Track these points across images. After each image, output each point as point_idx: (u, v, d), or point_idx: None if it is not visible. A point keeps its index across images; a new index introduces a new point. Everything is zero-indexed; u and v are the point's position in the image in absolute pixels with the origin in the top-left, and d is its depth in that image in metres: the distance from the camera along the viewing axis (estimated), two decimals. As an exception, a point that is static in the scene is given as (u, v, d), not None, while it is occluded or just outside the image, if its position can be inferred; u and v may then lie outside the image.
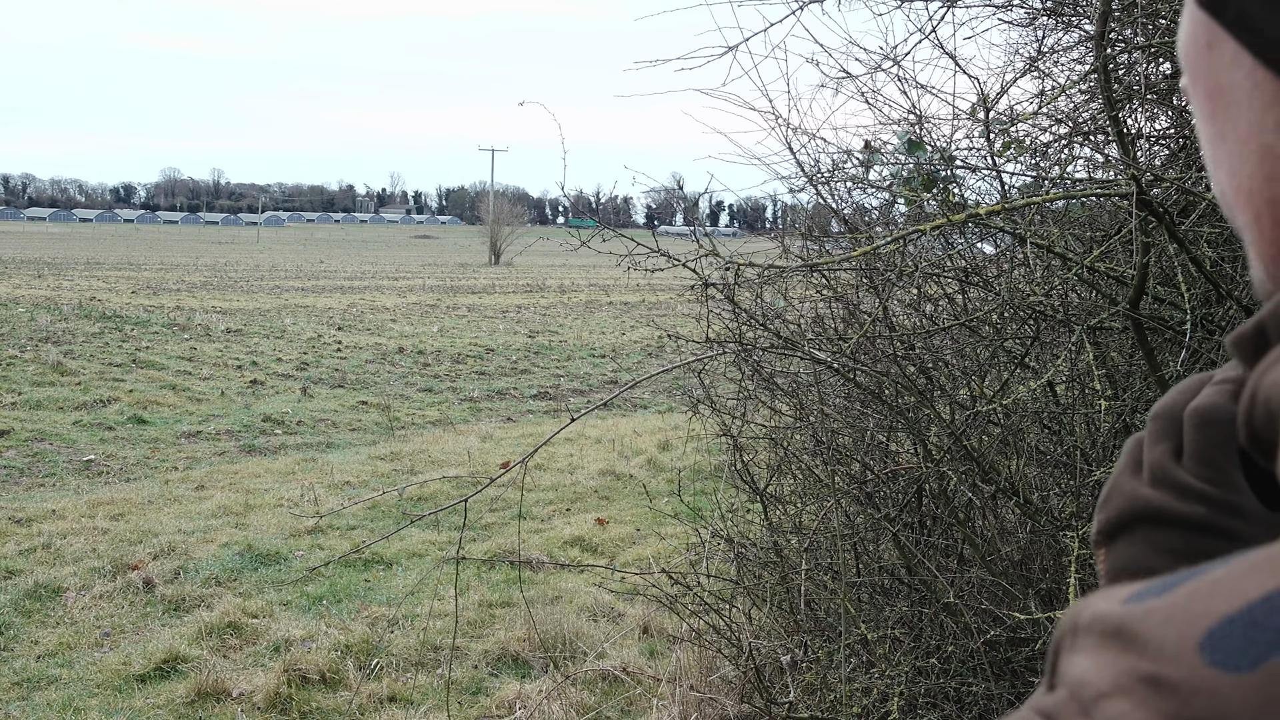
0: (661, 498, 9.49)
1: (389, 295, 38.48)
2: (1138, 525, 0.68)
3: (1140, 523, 0.68)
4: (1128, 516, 0.69)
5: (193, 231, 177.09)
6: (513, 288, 45.37)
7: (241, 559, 8.08)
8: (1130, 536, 0.68)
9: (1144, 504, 0.68)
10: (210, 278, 46.97)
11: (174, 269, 54.76)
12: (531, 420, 15.07)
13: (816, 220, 5.09)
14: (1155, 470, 0.68)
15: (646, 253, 3.67)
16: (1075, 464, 3.44)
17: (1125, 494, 0.70)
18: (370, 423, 14.39)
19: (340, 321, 27.44)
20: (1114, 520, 0.70)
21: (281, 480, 10.73)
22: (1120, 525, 0.69)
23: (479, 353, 21.99)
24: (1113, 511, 0.70)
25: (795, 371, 4.44)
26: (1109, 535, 0.70)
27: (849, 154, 4.08)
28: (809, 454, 4.45)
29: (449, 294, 40.31)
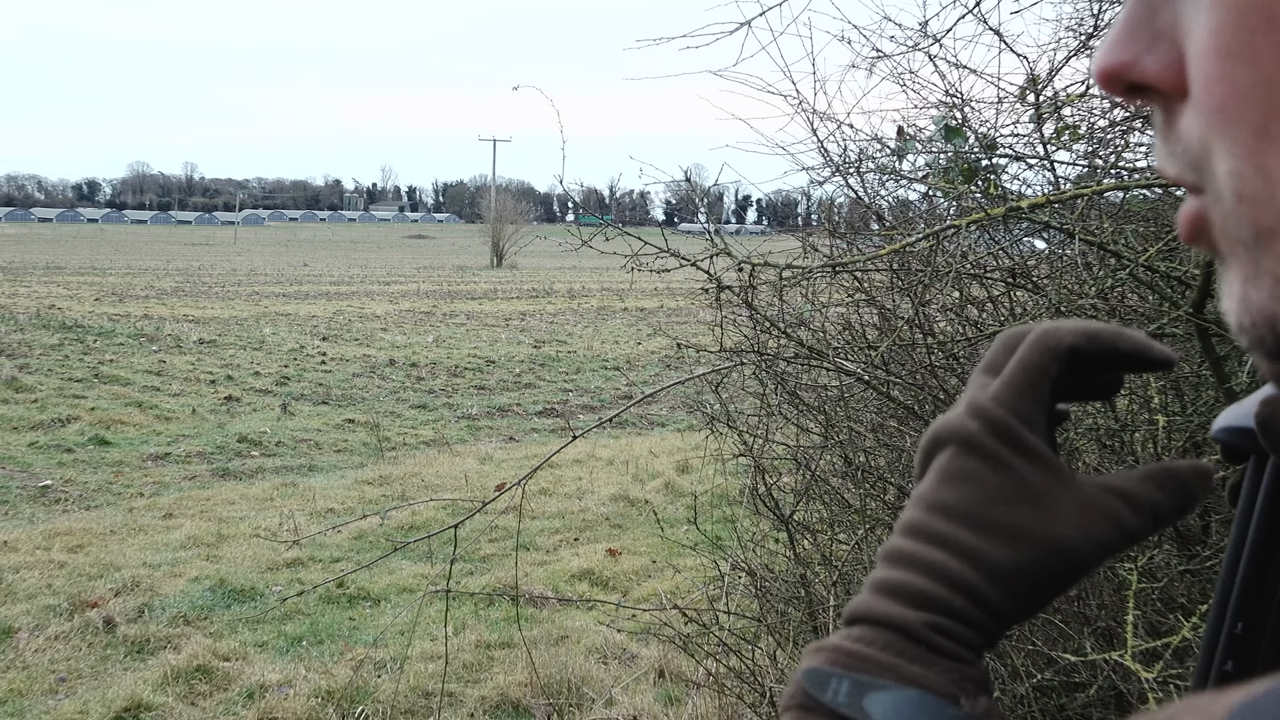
0: (679, 526, 9.47)
1: (379, 301, 38.60)
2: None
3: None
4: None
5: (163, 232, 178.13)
6: (516, 293, 45.46)
7: (213, 595, 8.10)
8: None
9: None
10: (182, 283, 47.22)
11: (142, 273, 55.08)
12: (536, 440, 15.08)
13: (849, 215, 5.09)
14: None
15: (655, 253, 3.67)
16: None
17: None
18: (357, 443, 14.43)
19: (325, 331, 27.53)
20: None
21: (258, 507, 10.76)
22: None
23: (479, 365, 22.03)
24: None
25: (822, 385, 4.43)
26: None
27: (880, 141, 4.08)
28: (838, 477, 4.44)
29: (446, 300, 40.42)
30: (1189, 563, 3.08)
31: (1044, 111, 3.60)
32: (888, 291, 4.16)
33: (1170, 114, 0.60)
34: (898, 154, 3.91)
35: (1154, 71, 0.60)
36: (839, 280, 4.36)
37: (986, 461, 0.74)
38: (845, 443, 4.18)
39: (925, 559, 0.74)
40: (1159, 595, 3.16)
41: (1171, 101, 0.60)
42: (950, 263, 3.50)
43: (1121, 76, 0.61)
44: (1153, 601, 3.19)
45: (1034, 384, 0.76)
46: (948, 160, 3.48)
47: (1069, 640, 3.54)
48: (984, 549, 0.73)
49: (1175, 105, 0.60)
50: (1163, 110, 0.61)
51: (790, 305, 4.16)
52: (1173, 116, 0.60)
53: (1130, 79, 0.61)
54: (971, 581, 0.73)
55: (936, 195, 4.14)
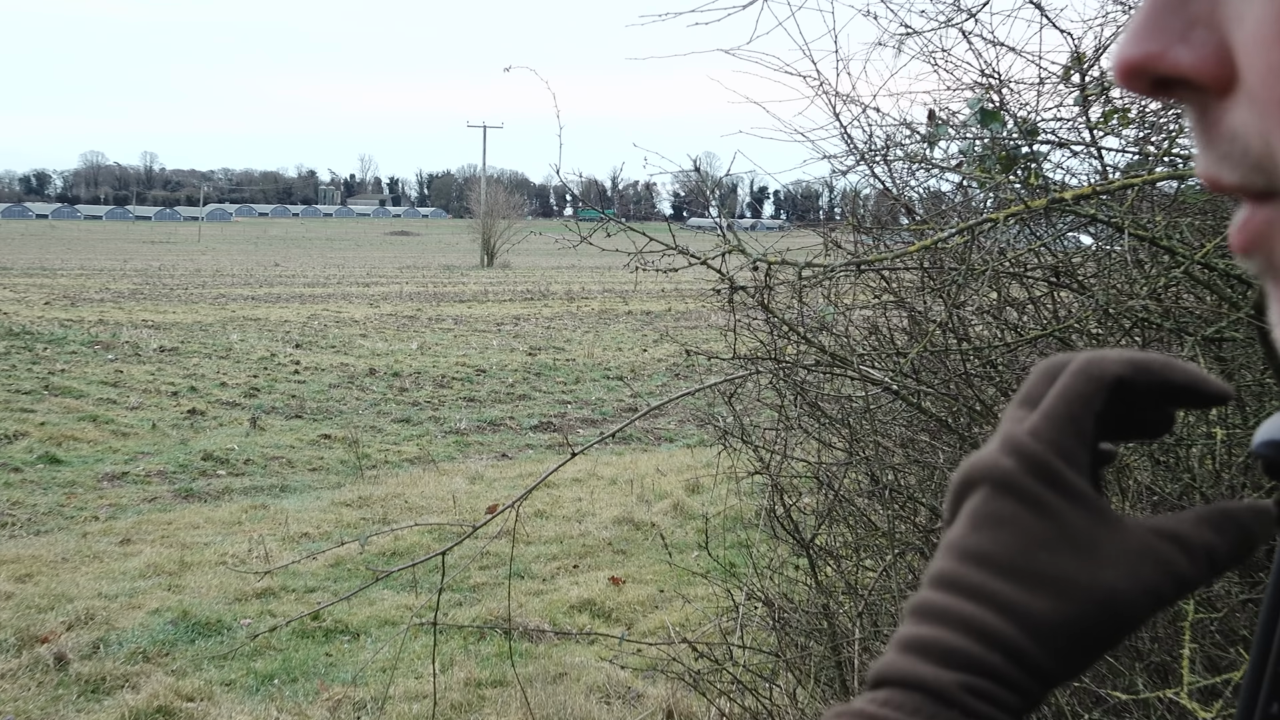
0: (689, 551, 9.48)
1: (358, 305, 38.65)
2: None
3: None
4: None
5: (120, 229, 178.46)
6: (509, 295, 45.50)
7: (175, 629, 8.11)
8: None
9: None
10: (141, 285, 47.31)
11: (97, 274, 55.19)
12: (531, 457, 15.09)
13: (875, 208, 5.09)
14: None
15: (662, 250, 3.68)
16: (1193, 506, 3.43)
17: None
18: (334, 461, 14.44)
19: (298, 337, 27.58)
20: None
21: (225, 532, 10.77)
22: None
23: (468, 375, 22.06)
24: None
25: (846, 395, 4.43)
26: None
27: (909, 126, 4.08)
28: (864, 497, 4.44)
29: (431, 303, 40.46)
30: (1251, 591, 3.08)
31: (1090, 93, 3.60)
32: (918, 292, 4.16)
33: (1210, 111, 0.59)
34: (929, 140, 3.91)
35: (1188, 63, 0.59)
36: (864, 280, 4.36)
37: (1024, 503, 0.74)
38: (872, 459, 4.18)
39: (958, 613, 0.73)
40: (1218, 627, 3.16)
41: (1210, 97, 0.59)
42: (987, 260, 3.51)
43: (1148, 69, 0.60)
44: (1211, 634, 3.18)
45: (1076, 417, 0.75)
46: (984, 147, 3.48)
47: (1119, 677, 3.54)
48: (1023, 601, 0.72)
49: (1216, 101, 0.59)
50: (1199, 107, 0.60)
51: (811, 308, 4.17)
52: (1214, 114, 0.59)
53: (1159, 72, 0.60)
54: (1010, 637, 0.72)
55: (971, 186, 4.14)
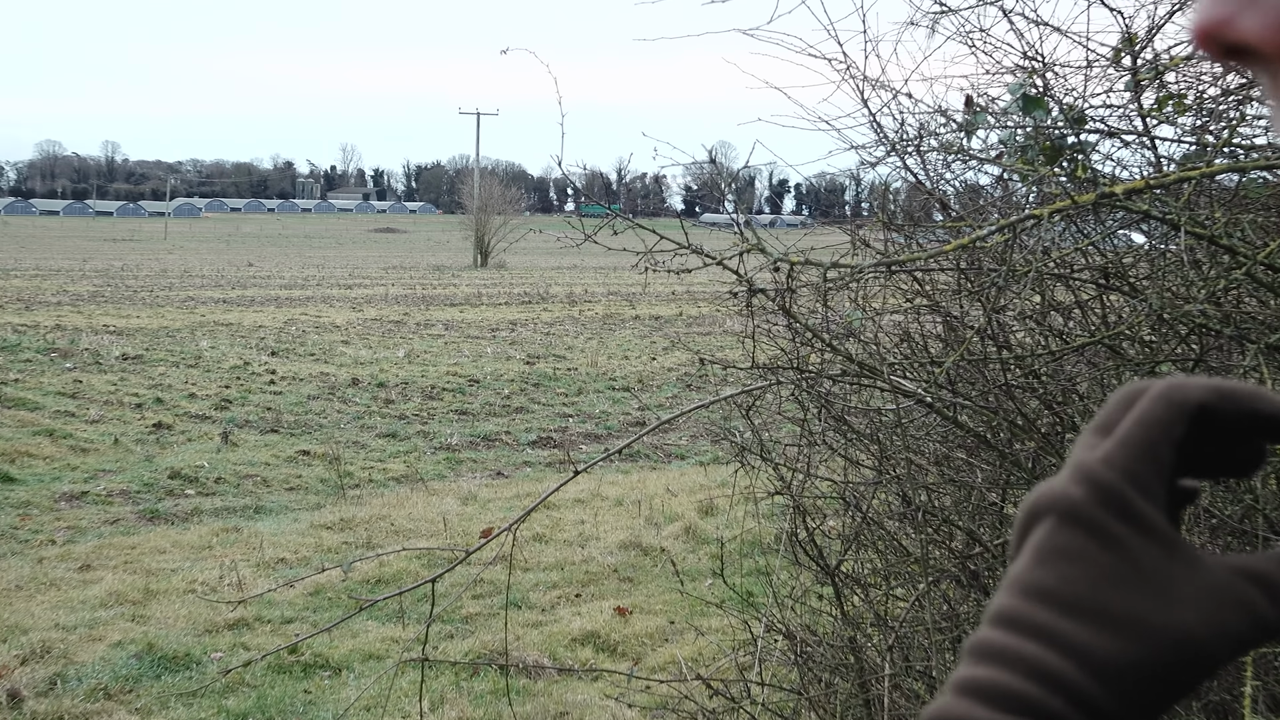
0: (702, 579, 9.48)
1: (340, 309, 38.70)
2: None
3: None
4: None
5: (79, 225, 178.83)
6: (505, 297, 45.53)
7: (139, 663, 8.12)
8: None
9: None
10: (102, 286, 47.39)
11: (54, 275, 55.29)
12: (529, 475, 15.10)
13: (907, 203, 5.09)
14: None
15: (673, 249, 3.69)
16: (1256, 530, 3.42)
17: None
18: (314, 479, 14.46)
19: (274, 344, 27.61)
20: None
21: (194, 557, 10.79)
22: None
23: (460, 385, 22.07)
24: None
25: (876, 408, 4.43)
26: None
27: (944, 114, 4.09)
28: (895, 519, 4.44)
29: (420, 306, 40.50)
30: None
31: (1142, 77, 3.61)
32: (954, 295, 4.16)
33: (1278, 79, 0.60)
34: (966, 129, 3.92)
35: (1254, 30, 0.59)
36: (895, 282, 4.37)
37: (1093, 536, 0.74)
38: (903, 478, 4.19)
39: (1018, 654, 0.73)
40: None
41: (1277, 65, 0.59)
42: (1030, 261, 3.51)
43: (1217, 36, 0.60)
44: (1276, 670, 3.18)
45: (1154, 445, 0.76)
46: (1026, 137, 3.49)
47: (1176, 717, 3.54)
48: (1089, 642, 0.72)
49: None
50: (1270, 75, 0.60)
51: (836, 312, 4.17)
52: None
53: (1227, 39, 0.60)
54: (1073, 681, 0.72)
55: (1013, 179, 4.15)
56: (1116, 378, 3.86)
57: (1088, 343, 3.78)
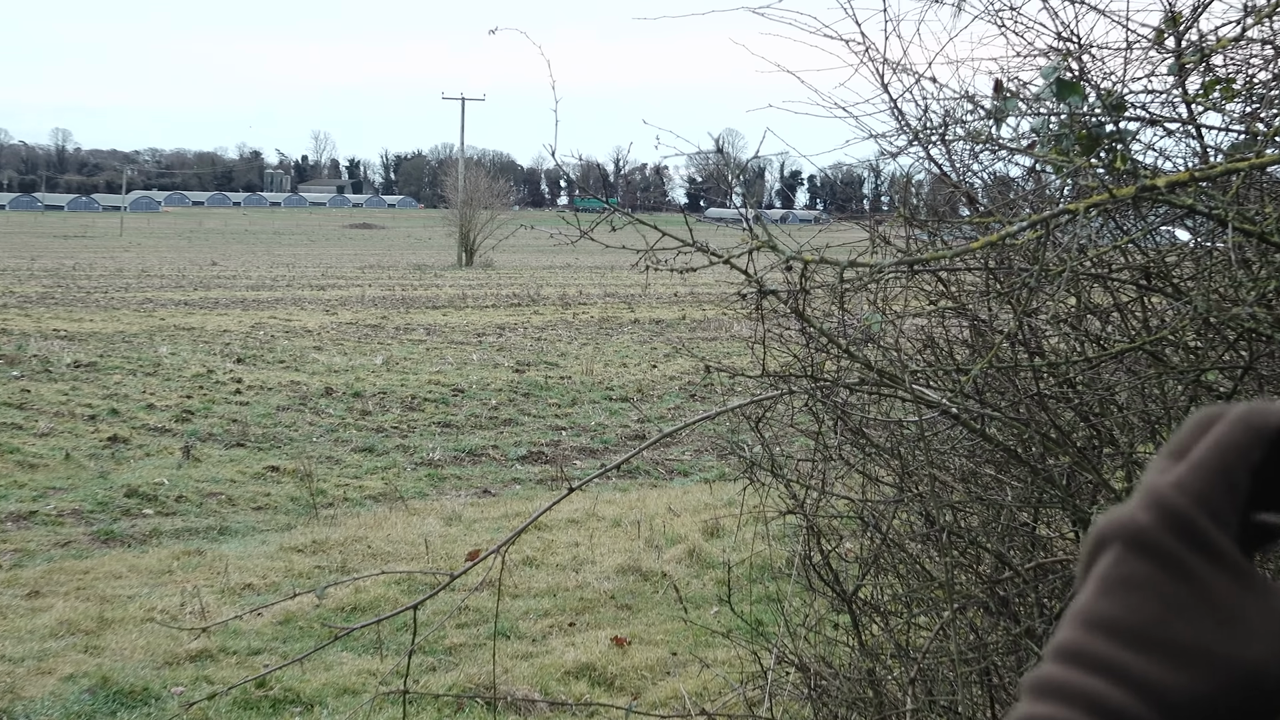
0: (707, 607, 9.48)
1: (312, 312, 38.71)
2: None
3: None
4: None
5: (27, 220, 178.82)
6: (493, 299, 45.56)
7: (93, 698, 8.12)
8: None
9: None
10: (52, 287, 47.40)
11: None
12: (519, 493, 15.11)
13: (931, 197, 5.11)
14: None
15: (676, 246, 3.69)
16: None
17: None
18: (283, 498, 14.46)
19: (240, 350, 27.62)
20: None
21: (153, 583, 10.79)
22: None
23: (443, 395, 22.08)
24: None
25: (896, 420, 4.44)
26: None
27: (972, 100, 4.10)
28: (918, 541, 4.45)
29: (399, 309, 40.52)
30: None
31: (1187, 60, 3.62)
32: (982, 297, 4.17)
33: None
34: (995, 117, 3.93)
35: None
36: (918, 282, 4.38)
37: (1161, 565, 0.75)
38: (926, 496, 4.19)
39: (1081, 690, 0.74)
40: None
41: None
42: (1064, 260, 3.52)
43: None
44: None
45: (1229, 470, 0.76)
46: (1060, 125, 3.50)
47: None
48: (1154, 675, 0.73)
49: None
50: None
51: (854, 316, 4.18)
52: None
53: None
54: (1137, 716, 0.72)
55: (1046, 171, 4.16)
56: (1158, 386, 3.87)
57: (1127, 349, 3.79)
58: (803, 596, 5.29)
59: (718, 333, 31.51)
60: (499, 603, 7.78)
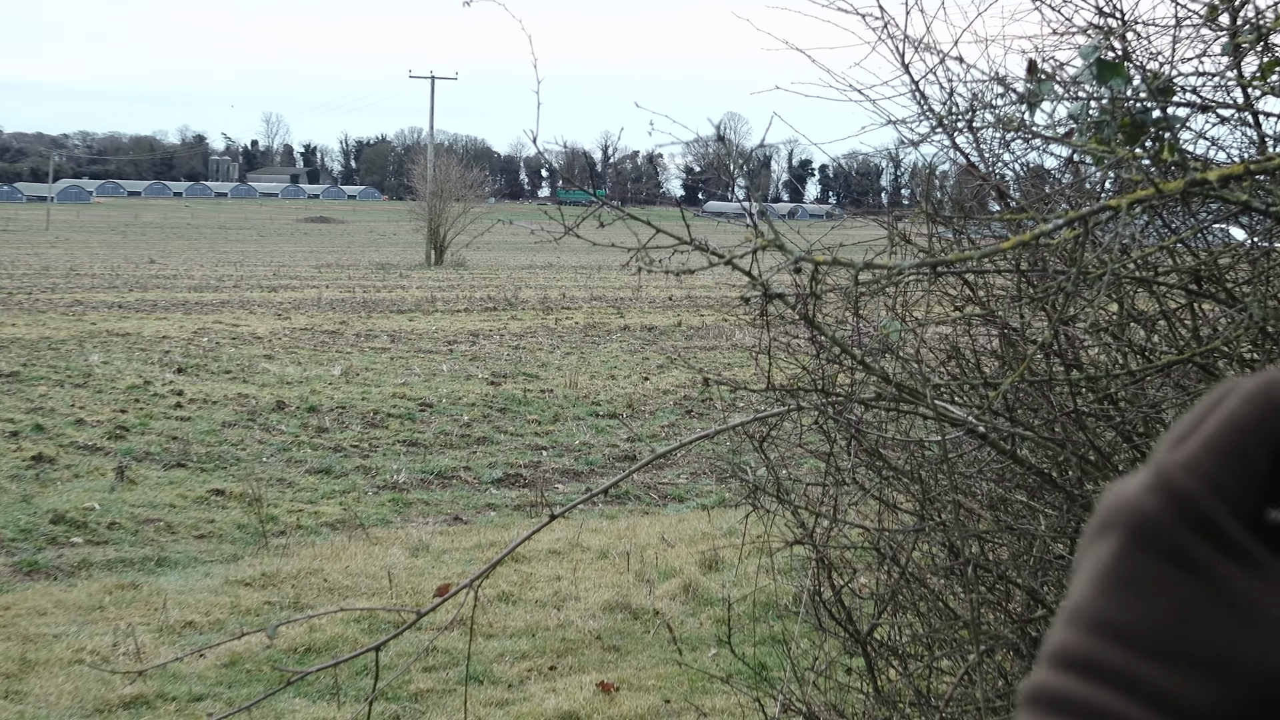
0: (704, 649, 9.48)
1: (262, 316, 38.68)
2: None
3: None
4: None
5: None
6: (465, 303, 45.53)
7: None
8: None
9: None
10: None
11: (-89, 274, 55.22)
12: (494, 521, 15.09)
13: (957, 190, 5.13)
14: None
15: (671, 244, 3.70)
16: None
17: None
18: (229, 525, 14.44)
19: (181, 359, 27.59)
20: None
21: (82, 620, 10.78)
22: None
23: (409, 410, 22.07)
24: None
25: (917, 440, 4.46)
26: None
27: (1003, 83, 4.12)
28: (940, 575, 4.46)
29: (360, 313, 40.49)
30: None
31: (1243, 40, 3.64)
32: (1013, 303, 4.19)
33: None
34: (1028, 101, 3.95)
35: None
36: (942, 286, 4.39)
37: (1170, 560, 0.75)
38: (950, 525, 4.21)
39: (1089, 703, 0.74)
40: None
41: None
42: (1105, 261, 3.54)
43: None
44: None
45: (1244, 449, 0.76)
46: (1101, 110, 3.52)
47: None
48: (1173, 688, 0.73)
49: None
50: None
51: (871, 323, 4.20)
52: None
53: None
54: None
55: (1085, 162, 4.18)
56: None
57: (1175, 361, 3.81)
58: (812, 637, 5.31)
59: (717, 341, 31.51)
60: (471, 644, 7.79)
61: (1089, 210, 3.18)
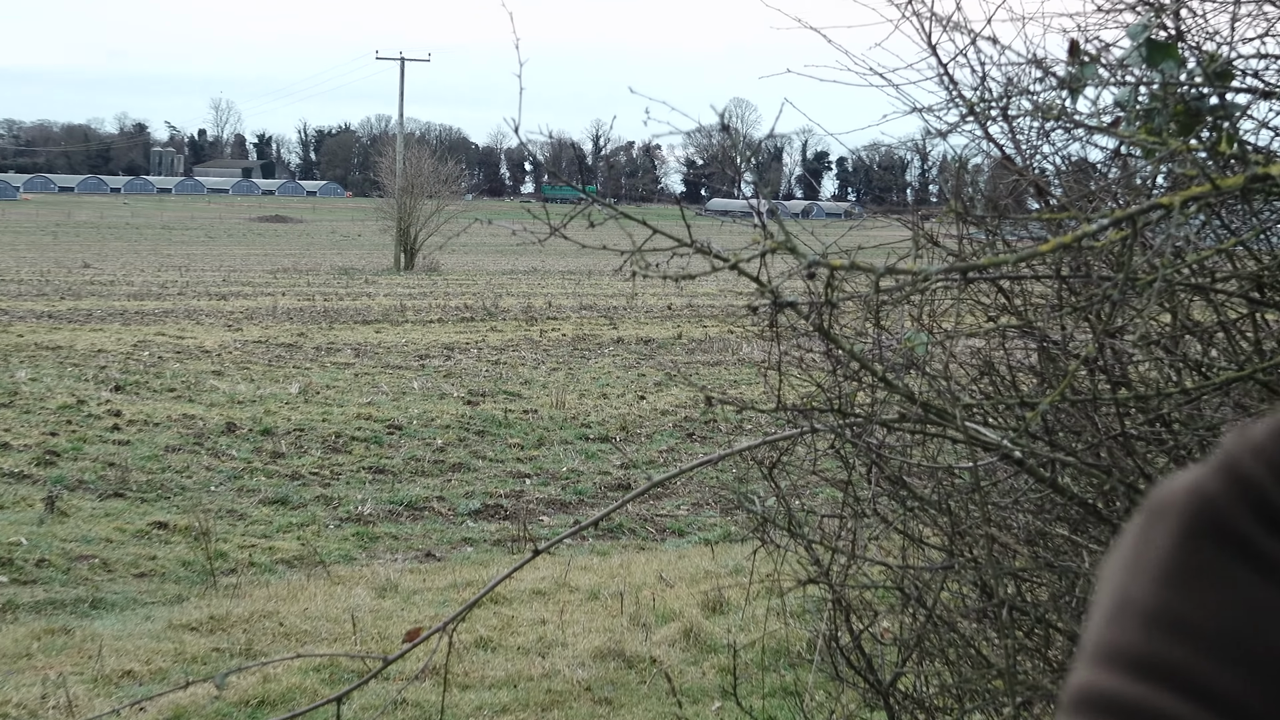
0: (707, 701, 9.48)
1: (210, 327, 38.68)
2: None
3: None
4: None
5: None
6: (439, 312, 45.56)
7: (-69, 814, 8.10)
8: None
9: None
10: (-118, 295, 47.31)
11: None
12: (471, 557, 15.09)
13: (990, 186, 5.14)
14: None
15: (670, 247, 3.71)
16: None
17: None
18: (173, 562, 14.43)
19: (119, 376, 27.59)
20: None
21: (7, 669, 10.76)
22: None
23: (375, 433, 22.07)
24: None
25: (945, 466, 4.47)
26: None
27: (1041, 66, 4.13)
28: (971, 618, 4.47)
29: (321, 324, 40.51)
30: None
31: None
32: (1054, 313, 4.20)
33: None
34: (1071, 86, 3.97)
35: None
36: (973, 294, 4.40)
37: (1235, 550, 0.75)
38: (983, 562, 4.22)
39: (1147, 710, 0.73)
40: None
41: None
42: (1156, 266, 3.55)
43: None
44: None
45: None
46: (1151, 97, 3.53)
47: None
48: (1242, 694, 0.72)
49: None
50: None
51: (893, 335, 4.21)
52: None
53: None
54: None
55: (1134, 154, 4.19)
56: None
57: (1236, 378, 3.82)
58: (828, 688, 5.31)
59: (722, 356, 31.54)
60: (445, 695, 7.79)
61: (1138, 209, 3.19)
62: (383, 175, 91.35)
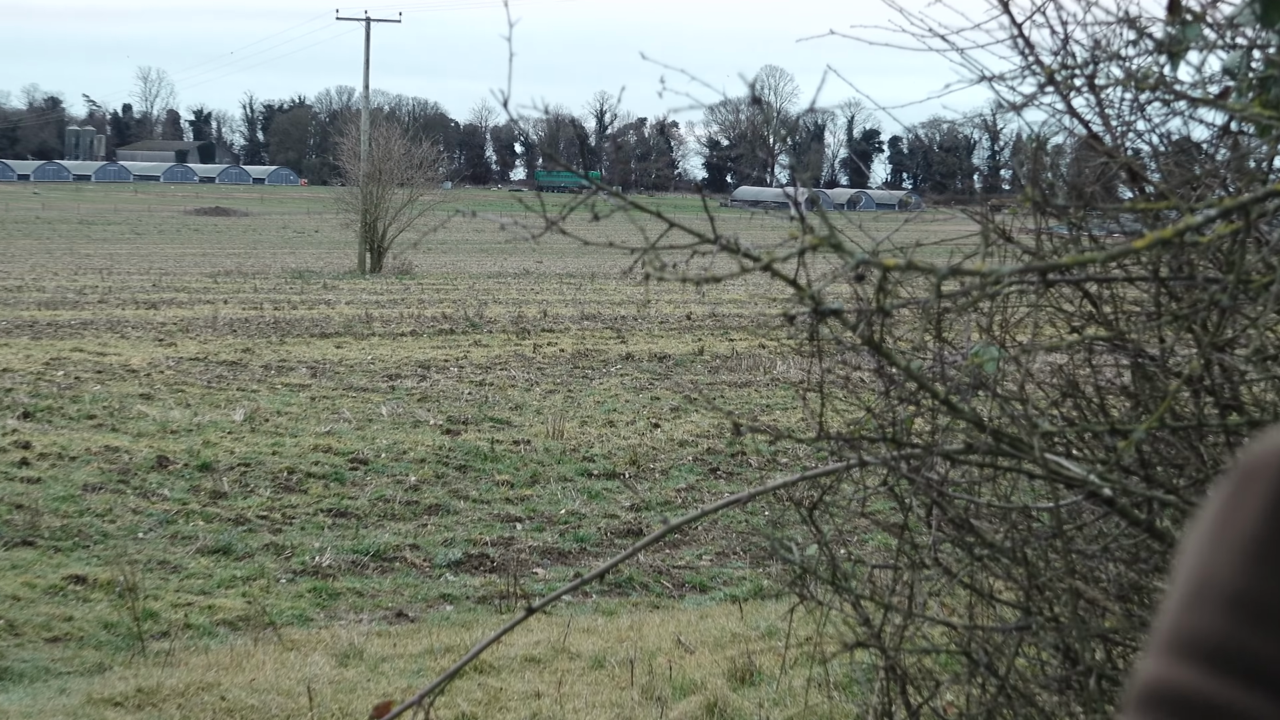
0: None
1: (138, 341, 38.73)
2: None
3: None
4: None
5: None
6: (412, 323, 45.61)
7: None
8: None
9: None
10: None
11: None
12: (450, 618, 15.09)
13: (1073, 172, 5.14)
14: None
15: (690, 244, 3.72)
16: None
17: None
18: (93, 624, 14.44)
19: (28, 400, 27.62)
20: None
21: (-107, 752, 10.79)
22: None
23: (336, 469, 22.07)
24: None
25: (1020, 506, 4.47)
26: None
27: (1135, 26, 4.14)
28: (1053, 690, 4.47)
29: (271, 337, 40.55)
30: None
31: None
32: (1150, 322, 4.21)
33: None
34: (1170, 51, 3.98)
35: None
36: (1054, 299, 4.41)
37: None
38: (1066, 621, 4.22)
39: (1232, 712, 0.73)
40: None
41: None
42: (1273, 266, 3.56)
43: None
44: None
45: None
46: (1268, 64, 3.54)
47: None
48: None
49: None
50: None
51: (958, 349, 4.22)
52: None
53: None
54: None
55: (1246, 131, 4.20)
56: None
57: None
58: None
59: (752, 375, 31.56)
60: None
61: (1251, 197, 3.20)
62: (344, 159, 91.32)
